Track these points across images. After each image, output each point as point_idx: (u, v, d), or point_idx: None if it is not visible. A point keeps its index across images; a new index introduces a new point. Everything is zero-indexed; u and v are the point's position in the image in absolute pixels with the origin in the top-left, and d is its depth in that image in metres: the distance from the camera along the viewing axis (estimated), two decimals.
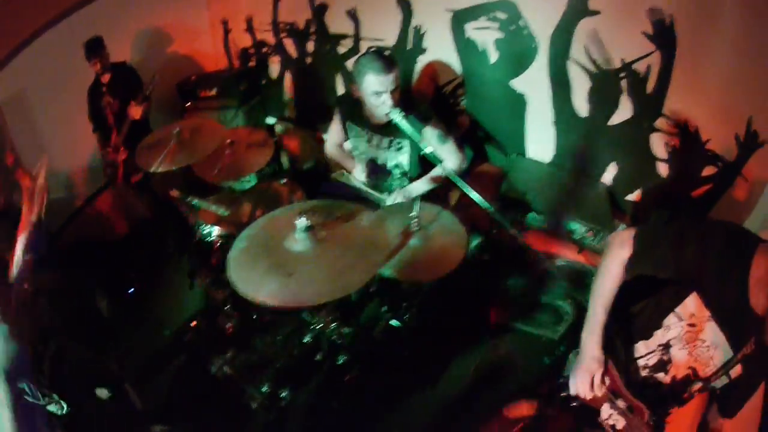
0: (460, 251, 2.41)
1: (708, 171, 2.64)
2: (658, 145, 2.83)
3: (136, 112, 3.69)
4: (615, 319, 1.81)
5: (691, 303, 1.63)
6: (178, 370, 3.12)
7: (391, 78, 2.56)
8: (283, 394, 2.78)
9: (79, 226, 4.25)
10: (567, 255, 2.87)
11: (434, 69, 3.52)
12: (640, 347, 1.83)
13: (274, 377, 2.79)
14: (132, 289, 3.81)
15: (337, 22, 3.87)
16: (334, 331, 2.67)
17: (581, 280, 2.88)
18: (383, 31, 3.62)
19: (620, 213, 3.10)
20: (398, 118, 2.45)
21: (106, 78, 3.82)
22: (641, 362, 1.83)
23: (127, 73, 3.91)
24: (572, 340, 2.60)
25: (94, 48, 3.66)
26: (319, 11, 3.91)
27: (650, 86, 2.70)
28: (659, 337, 1.75)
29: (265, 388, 2.75)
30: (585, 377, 1.82)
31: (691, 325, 1.64)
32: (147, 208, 4.34)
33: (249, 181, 3.53)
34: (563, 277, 2.78)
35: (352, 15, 3.72)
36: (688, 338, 1.66)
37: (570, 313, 3.06)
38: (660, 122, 2.75)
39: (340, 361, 2.78)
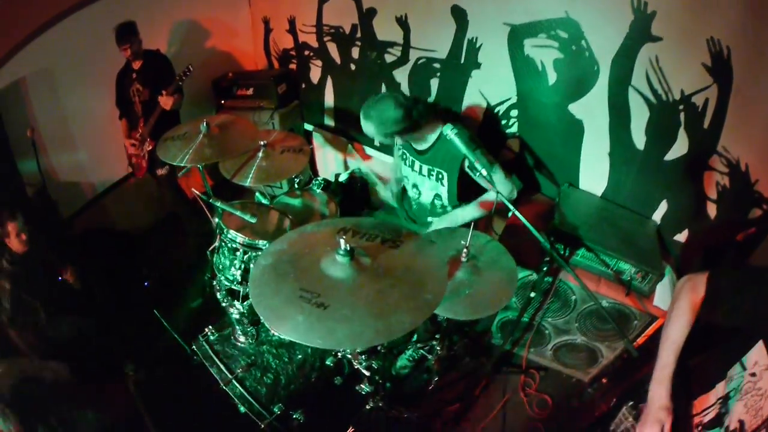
0: (509, 288, 2.28)
1: (754, 213, 2.51)
2: (709, 184, 2.73)
3: (166, 102, 3.61)
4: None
5: (757, 352, 1.59)
6: (186, 382, 3.08)
7: (370, 132, 2.76)
8: (296, 416, 2.73)
9: (98, 214, 4.25)
10: (614, 296, 2.73)
11: (487, 86, 3.43)
12: (697, 403, 1.78)
13: (288, 397, 2.74)
14: (147, 283, 3.77)
15: (385, 29, 3.79)
16: (362, 362, 2.54)
17: (625, 324, 2.80)
18: (435, 41, 3.53)
19: (666, 254, 3.01)
20: (452, 135, 2.32)
21: (137, 64, 3.76)
22: (696, 420, 1.76)
23: (159, 62, 3.84)
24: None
25: (126, 33, 3.59)
26: (367, 16, 3.84)
27: (707, 121, 2.62)
28: (720, 389, 1.71)
29: (277, 408, 2.69)
30: (655, 429, 1.73)
31: (753, 374, 1.59)
32: (170, 203, 4.33)
33: (279, 188, 3.45)
34: (607, 319, 2.64)
35: (402, 22, 3.63)
36: (747, 388, 1.60)
37: (606, 356, 3.03)
38: (713, 160, 2.66)
39: (364, 391, 2.68)
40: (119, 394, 2.91)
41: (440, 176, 2.81)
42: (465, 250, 2.27)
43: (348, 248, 1.76)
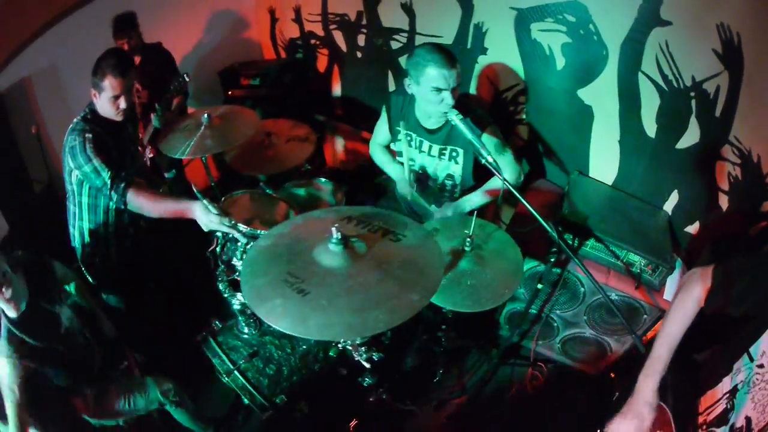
0: (515, 280, 2.27)
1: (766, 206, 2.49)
2: (721, 174, 2.71)
3: (155, 120, 3.41)
4: (679, 368, 1.75)
5: (765, 341, 1.58)
6: (189, 372, 3.06)
7: (454, 74, 2.41)
8: (299, 407, 2.73)
9: None
10: (623, 289, 2.72)
11: (495, 72, 3.43)
12: (703, 400, 1.78)
13: (291, 388, 2.74)
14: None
15: (390, 15, 3.81)
16: (362, 354, 2.52)
17: (634, 318, 2.77)
18: (440, 27, 3.54)
19: (677, 246, 3.00)
20: (457, 119, 2.31)
21: (135, 61, 3.62)
22: (701, 418, 1.76)
23: (160, 58, 3.75)
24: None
25: (125, 25, 3.48)
26: (372, 3, 3.86)
27: (718, 109, 2.60)
28: (726, 383, 1.70)
29: (279, 399, 2.69)
30: (632, 424, 1.73)
31: (761, 366, 1.58)
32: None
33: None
34: (617, 312, 2.63)
35: (407, 8, 3.65)
36: (756, 380, 1.59)
37: (614, 350, 3.01)
38: (725, 150, 2.63)
39: (366, 383, 2.69)
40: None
41: (454, 154, 2.73)
42: (468, 239, 2.26)
43: (340, 237, 1.77)
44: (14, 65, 3.46)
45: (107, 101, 2.53)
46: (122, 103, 2.55)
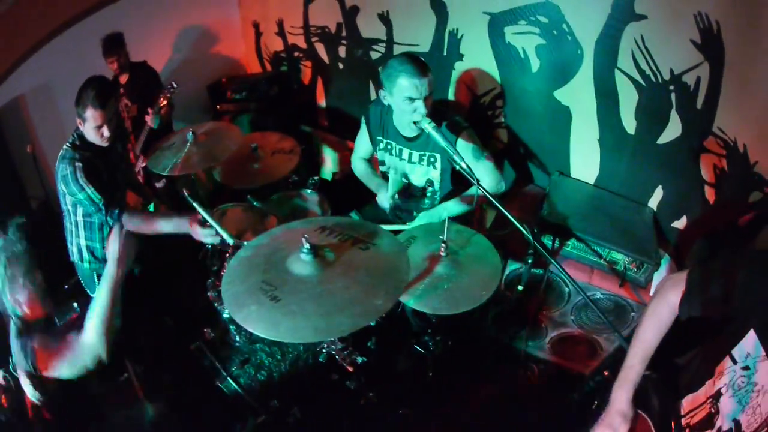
0: (492, 282, 2.28)
1: (755, 196, 2.48)
2: (707, 167, 2.71)
3: (152, 121, 3.67)
4: (658, 372, 1.75)
5: (748, 342, 1.54)
6: (182, 380, 3.11)
7: (425, 82, 2.45)
8: (291, 412, 2.77)
9: None
10: (607, 287, 2.73)
11: (472, 77, 3.45)
12: (685, 404, 1.73)
13: (282, 394, 2.81)
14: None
15: (368, 26, 3.86)
16: (346, 356, 2.61)
17: (621, 315, 2.78)
18: (417, 35, 3.58)
19: (665, 241, 3.01)
20: (429, 127, 2.37)
21: (123, 79, 3.83)
22: (684, 421, 1.71)
23: (146, 75, 3.91)
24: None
25: (113, 45, 3.64)
26: (350, 14, 3.91)
27: (700, 101, 2.60)
28: (709, 387, 1.66)
29: (272, 404, 2.76)
30: None
31: (745, 368, 1.55)
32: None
33: None
34: (602, 311, 2.64)
35: (384, 18, 3.70)
36: (740, 383, 1.56)
37: (604, 349, 3.01)
38: (709, 142, 2.63)
39: (352, 387, 2.75)
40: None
41: (432, 159, 2.76)
42: (443, 244, 2.30)
43: (309, 247, 1.88)
44: (8, 83, 3.56)
45: (91, 130, 2.60)
46: (105, 132, 2.61)
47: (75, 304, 3.08)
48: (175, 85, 3.59)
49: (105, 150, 2.74)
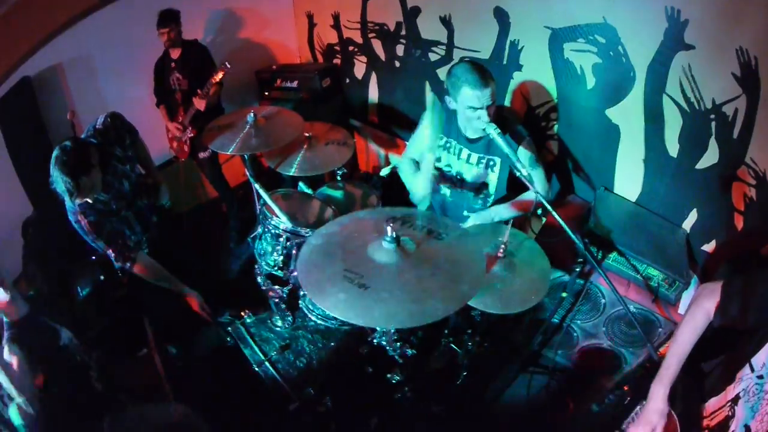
0: (541, 288, 2.42)
1: None
2: (737, 194, 2.82)
3: (200, 104, 3.85)
4: (687, 376, 1.87)
5: (765, 353, 1.69)
6: (220, 361, 3.26)
7: (488, 93, 2.58)
8: (324, 401, 2.87)
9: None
10: (641, 302, 2.85)
11: (528, 88, 3.57)
12: (708, 406, 1.87)
13: (319, 382, 2.89)
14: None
15: (429, 28, 3.96)
16: (396, 349, 2.71)
17: (650, 331, 2.88)
18: (478, 41, 3.68)
19: (694, 263, 3.10)
20: (495, 133, 2.50)
21: (175, 53, 3.99)
22: (704, 422, 1.86)
23: (199, 52, 4.06)
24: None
25: (169, 18, 3.81)
26: (411, 14, 4.02)
27: (736, 131, 2.70)
28: (730, 392, 1.80)
29: (306, 393, 2.85)
30: (645, 430, 1.86)
31: (760, 377, 1.68)
32: (212, 187, 4.60)
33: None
34: (634, 325, 2.76)
35: (446, 22, 3.80)
36: (754, 390, 1.69)
37: (630, 363, 3.09)
38: (741, 171, 2.74)
39: (394, 380, 2.85)
40: (151, 373, 3.02)
41: (492, 163, 2.87)
42: (503, 246, 2.42)
43: (394, 236, 1.99)
44: (45, 51, 3.63)
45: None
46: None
47: None
48: (228, 66, 3.72)
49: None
